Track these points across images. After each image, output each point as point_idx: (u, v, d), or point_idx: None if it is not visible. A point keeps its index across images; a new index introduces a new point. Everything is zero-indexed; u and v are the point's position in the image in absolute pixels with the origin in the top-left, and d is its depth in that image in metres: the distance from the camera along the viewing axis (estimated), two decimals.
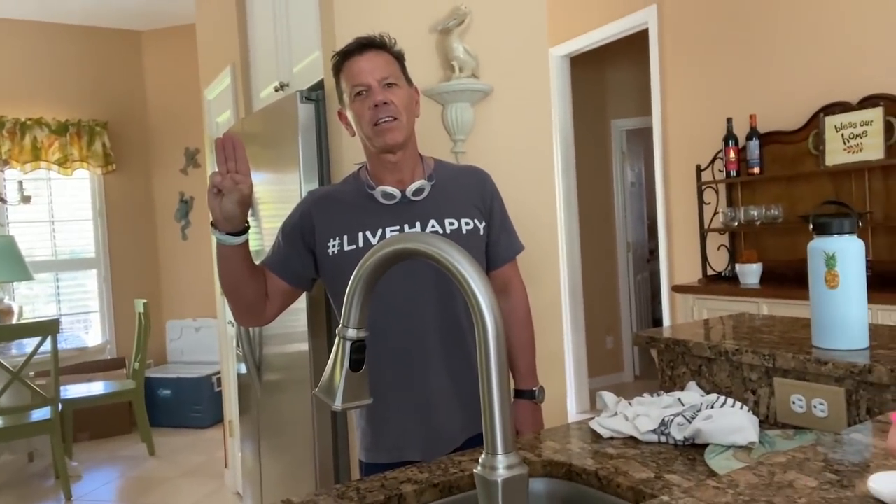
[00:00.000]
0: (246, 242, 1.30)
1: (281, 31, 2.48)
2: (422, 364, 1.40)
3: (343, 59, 1.41)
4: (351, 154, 1.93)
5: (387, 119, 1.36)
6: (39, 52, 5.09)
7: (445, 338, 1.42)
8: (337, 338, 0.81)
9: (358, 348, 0.79)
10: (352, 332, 0.79)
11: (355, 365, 0.79)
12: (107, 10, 4.97)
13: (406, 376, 1.40)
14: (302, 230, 1.45)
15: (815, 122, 3.20)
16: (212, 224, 1.28)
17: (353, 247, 1.39)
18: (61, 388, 4.00)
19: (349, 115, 1.43)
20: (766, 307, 3.03)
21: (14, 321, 4.02)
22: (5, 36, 4.96)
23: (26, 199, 4.22)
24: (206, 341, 5.23)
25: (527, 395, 1.55)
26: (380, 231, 1.40)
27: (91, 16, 5.06)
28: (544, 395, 1.57)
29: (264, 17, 2.68)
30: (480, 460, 0.70)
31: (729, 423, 1.10)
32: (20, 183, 4.27)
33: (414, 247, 0.72)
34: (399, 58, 1.44)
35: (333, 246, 1.41)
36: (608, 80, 5.41)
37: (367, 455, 1.45)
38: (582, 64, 4.88)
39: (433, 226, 1.41)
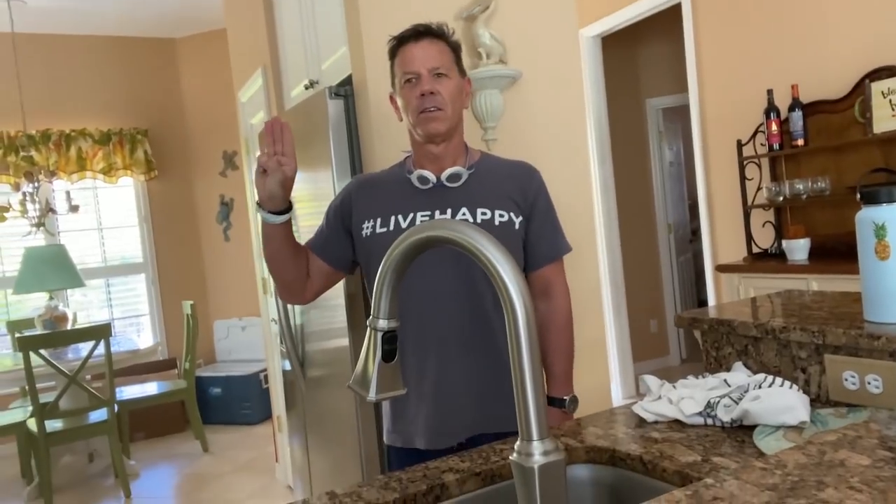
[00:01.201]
0: (289, 222, 1.36)
1: (308, 29, 2.49)
2: (439, 354, 1.40)
3: (398, 44, 1.43)
4: (381, 148, 1.93)
5: (432, 109, 1.37)
6: (79, 65, 5.24)
7: (471, 331, 1.41)
8: (368, 329, 0.81)
9: (389, 339, 0.79)
10: (382, 323, 0.79)
11: (388, 355, 0.79)
12: (141, 20, 5.09)
13: (421, 364, 1.41)
14: (342, 212, 1.49)
15: (860, 89, 3.07)
16: (257, 203, 1.33)
17: (385, 229, 1.41)
18: (117, 389, 4.14)
19: (399, 100, 1.44)
20: (815, 283, 2.93)
21: (69, 327, 4.16)
22: (47, 51, 5.12)
23: (74, 209, 4.36)
24: (252, 340, 5.34)
25: (557, 403, 1.48)
26: (411, 216, 1.41)
27: (126, 25, 5.18)
28: (576, 406, 1.49)
29: (292, 16, 2.70)
30: (516, 447, 0.69)
31: (778, 402, 1.06)
32: (68, 193, 4.41)
33: (440, 234, 0.72)
34: (455, 48, 1.45)
35: (367, 228, 1.44)
36: (641, 58, 5.29)
37: (387, 437, 1.49)
38: (613, 44, 4.79)
39: (464, 213, 1.41)
